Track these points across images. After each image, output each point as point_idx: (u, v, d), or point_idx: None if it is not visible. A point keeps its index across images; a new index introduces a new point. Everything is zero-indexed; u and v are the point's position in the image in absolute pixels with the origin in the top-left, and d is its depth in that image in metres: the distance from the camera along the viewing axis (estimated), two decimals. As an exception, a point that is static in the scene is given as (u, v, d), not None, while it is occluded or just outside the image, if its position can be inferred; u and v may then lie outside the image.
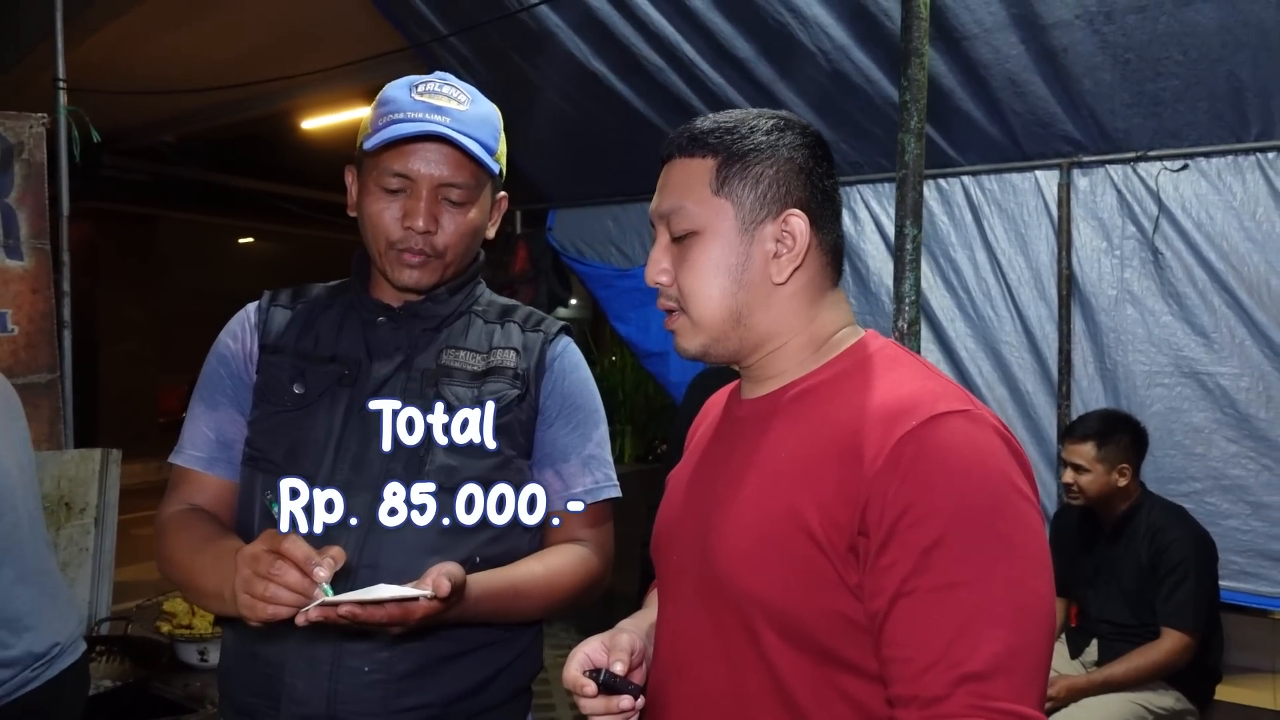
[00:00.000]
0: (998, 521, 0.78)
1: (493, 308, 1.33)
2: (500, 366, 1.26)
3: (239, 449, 1.26)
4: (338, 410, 1.21)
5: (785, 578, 0.84)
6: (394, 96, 1.21)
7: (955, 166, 3.27)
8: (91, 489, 2.48)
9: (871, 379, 0.89)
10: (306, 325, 1.29)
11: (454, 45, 3.58)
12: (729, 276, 0.92)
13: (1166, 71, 2.66)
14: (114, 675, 2.34)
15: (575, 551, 1.27)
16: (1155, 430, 3.01)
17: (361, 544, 1.15)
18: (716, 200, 0.92)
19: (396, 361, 1.24)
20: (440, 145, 1.19)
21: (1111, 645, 2.63)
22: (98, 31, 6.08)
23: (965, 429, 0.81)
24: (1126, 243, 3.03)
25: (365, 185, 1.23)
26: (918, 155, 1.50)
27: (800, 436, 0.90)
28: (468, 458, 1.20)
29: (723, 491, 0.94)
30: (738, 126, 0.94)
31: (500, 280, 4.51)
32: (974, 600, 0.76)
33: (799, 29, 2.87)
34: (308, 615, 0.95)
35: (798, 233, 0.92)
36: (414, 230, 1.20)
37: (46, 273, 2.69)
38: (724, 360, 0.98)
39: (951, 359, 3.36)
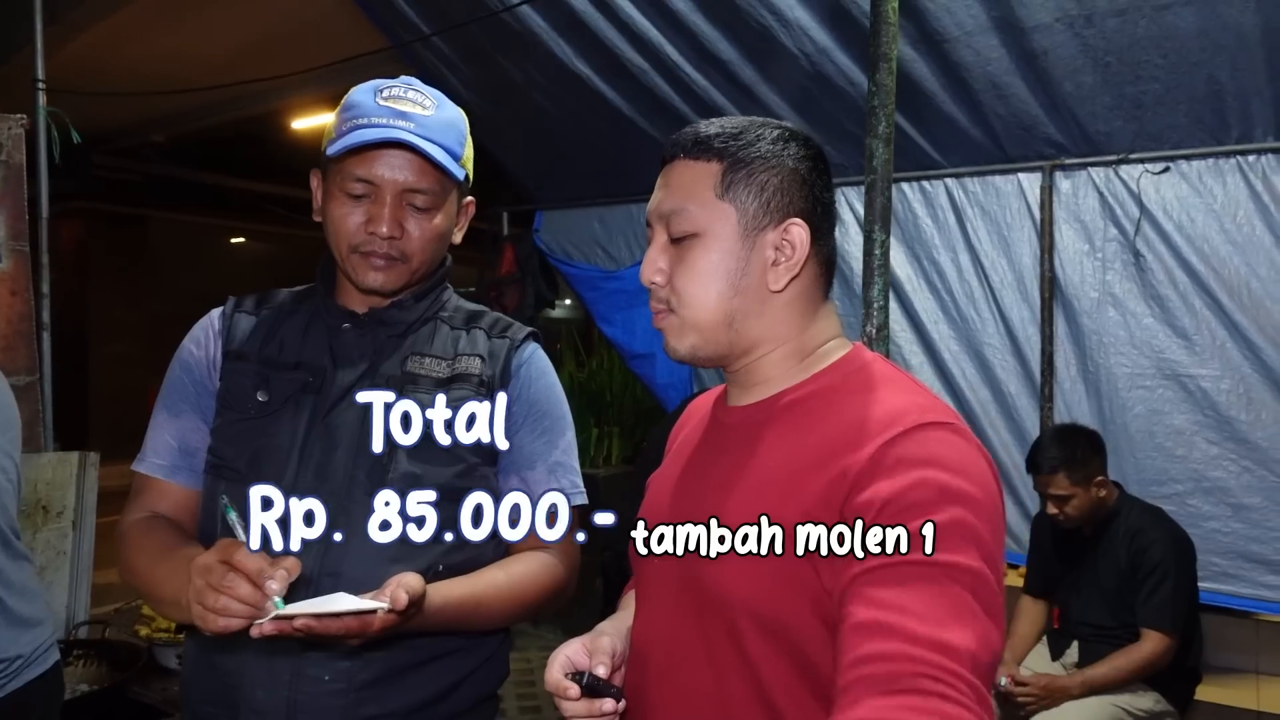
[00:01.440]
0: (974, 525, 0.77)
1: (459, 313, 1.33)
2: (465, 373, 1.25)
3: (201, 457, 1.25)
4: (301, 418, 1.21)
5: (772, 584, 0.85)
6: (358, 101, 1.21)
7: (938, 168, 3.27)
8: (69, 492, 2.47)
9: (862, 393, 0.90)
10: (271, 331, 1.28)
11: (438, 47, 3.57)
12: (726, 281, 0.93)
13: (1147, 75, 2.67)
14: (91, 679, 2.34)
15: (540, 559, 1.26)
16: (1137, 433, 3.03)
17: (323, 553, 1.15)
18: (720, 204, 0.93)
19: (361, 368, 1.24)
20: (405, 151, 1.18)
21: (1092, 647, 2.64)
22: (86, 31, 6.06)
23: (949, 439, 0.83)
24: (1108, 245, 3.03)
25: (330, 190, 1.22)
26: (886, 160, 1.50)
27: (789, 446, 0.90)
28: (432, 465, 1.19)
29: (711, 497, 0.94)
30: (744, 133, 0.94)
31: (487, 282, 4.50)
32: (937, 580, 0.75)
33: (781, 31, 2.87)
34: (262, 629, 0.94)
35: (798, 242, 0.93)
36: (378, 235, 1.19)
37: (25, 275, 2.68)
38: (711, 363, 0.98)
39: (935, 361, 3.36)
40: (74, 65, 6.20)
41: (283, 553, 0.98)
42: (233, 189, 9.70)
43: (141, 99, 6.13)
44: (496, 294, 4.45)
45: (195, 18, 5.82)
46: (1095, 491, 2.57)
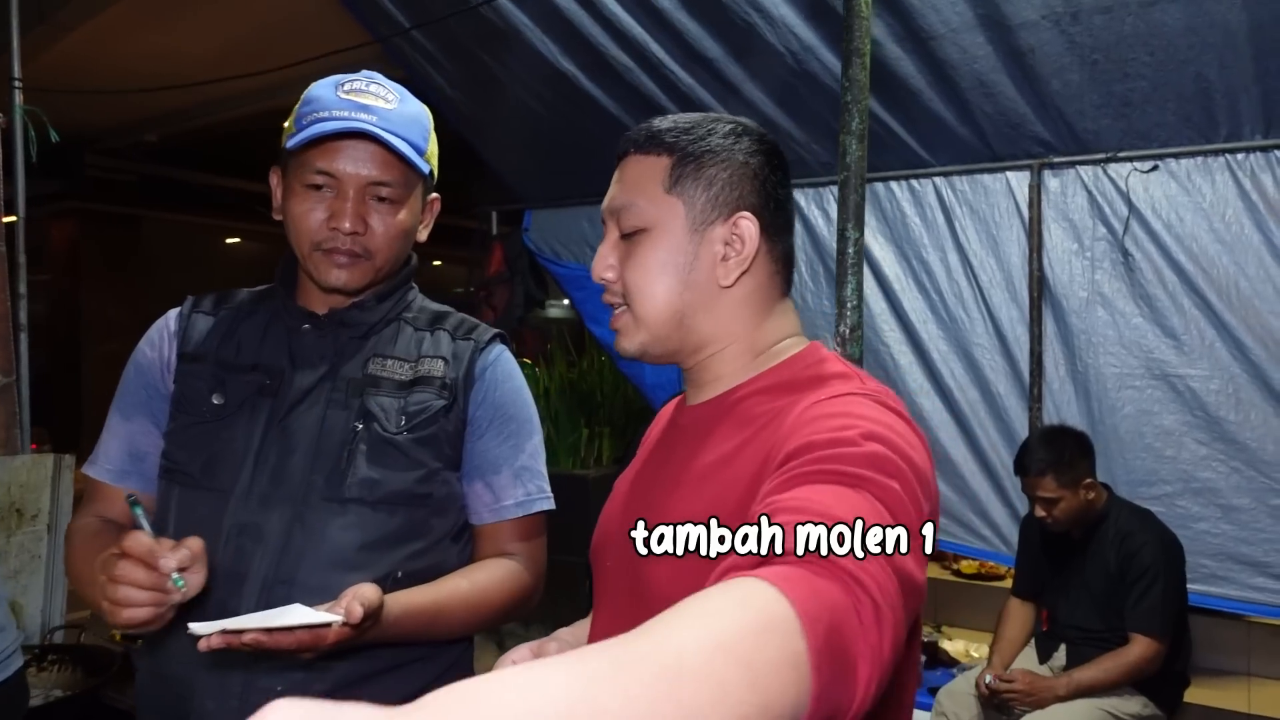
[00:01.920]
0: (897, 462, 0.71)
1: (424, 314, 1.30)
2: (427, 376, 1.22)
3: (152, 461, 1.23)
4: (258, 421, 1.18)
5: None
6: (319, 95, 1.18)
7: (926, 167, 3.25)
8: (44, 495, 2.44)
9: (809, 388, 0.88)
10: (229, 333, 1.25)
11: (424, 46, 3.55)
12: (675, 276, 0.91)
13: (1134, 73, 2.64)
14: (65, 685, 2.31)
15: (504, 566, 1.24)
16: (1126, 433, 3.00)
17: (278, 559, 1.12)
18: (668, 199, 0.91)
19: (321, 371, 1.21)
20: (367, 144, 1.16)
21: (1080, 650, 2.62)
22: (75, 30, 6.04)
23: (865, 401, 0.80)
24: (1097, 244, 3.01)
25: (290, 186, 1.19)
26: (859, 157, 1.47)
27: (731, 442, 0.88)
28: (391, 470, 1.17)
29: (656, 498, 0.93)
30: (695, 128, 0.93)
31: (476, 282, 4.48)
32: (848, 485, 0.67)
33: (766, 29, 2.85)
34: (209, 642, 0.91)
35: (747, 236, 0.91)
36: (340, 230, 1.16)
37: (2, 275, 2.65)
38: (663, 360, 0.97)
39: (923, 361, 3.34)
40: (63, 64, 6.17)
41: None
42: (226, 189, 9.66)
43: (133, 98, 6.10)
44: (486, 294, 4.42)
45: (185, 17, 5.79)
46: (1084, 494, 2.55)
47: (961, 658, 3.37)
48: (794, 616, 0.53)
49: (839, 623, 0.55)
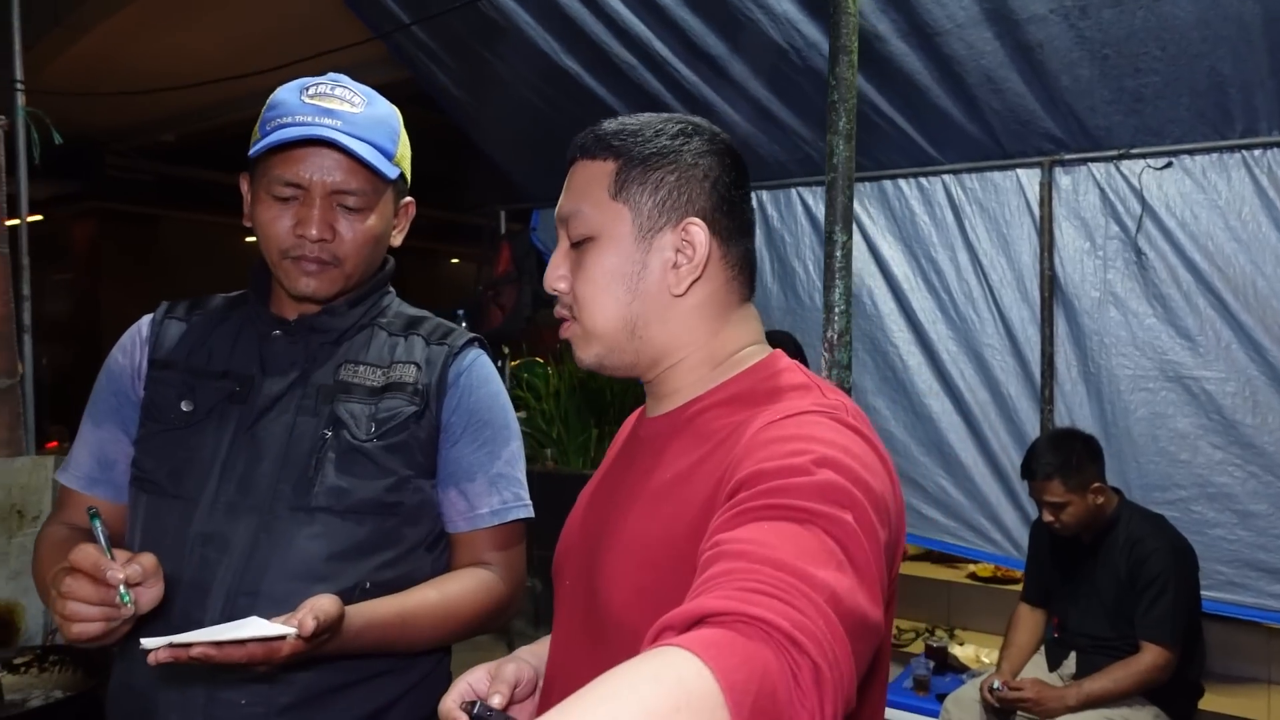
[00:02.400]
0: (850, 490, 0.68)
1: (399, 319, 1.27)
2: (399, 382, 1.20)
3: (121, 469, 1.21)
4: (226, 429, 1.16)
5: (665, 608, 0.79)
6: (282, 100, 1.15)
7: (935, 165, 3.19)
8: (45, 496, 2.45)
9: (765, 400, 0.84)
10: (200, 339, 1.24)
11: (429, 45, 3.54)
12: (623, 285, 0.87)
13: (1146, 67, 2.58)
14: (65, 685, 2.31)
15: (477, 576, 1.21)
16: (1139, 436, 2.94)
17: (243, 570, 1.10)
18: (614, 205, 0.87)
19: (292, 377, 1.19)
20: (331, 150, 1.13)
21: (1090, 658, 2.57)
22: (89, 32, 6.09)
23: (820, 420, 0.76)
24: (1110, 243, 2.95)
25: (257, 194, 1.17)
26: (847, 158, 1.43)
27: (687, 459, 0.84)
28: (359, 478, 1.15)
29: (612, 515, 0.89)
30: (642, 130, 0.89)
31: (485, 281, 4.47)
32: (801, 523, 0.65)
33: (769, 25, 2.81)
34: (157, 656, 0.90)
35: (697, 243, 0.86)
36: (307, 239, 1.14)
37: (5, 277, 2.66)
38: (620, 373, 0.93)
39: (933, 362, 3.29)
40: (79, 66, 6.24)
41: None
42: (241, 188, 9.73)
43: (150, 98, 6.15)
44: (494, 293, 4.41)
45: (197, 17, 5.82)
46: (1092, 499, 2.49)
47: (971, 663, 3.32)
48: (717, 690, 0.50)
49: (770, 690, 0.52)
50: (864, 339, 3.39)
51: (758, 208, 3.60)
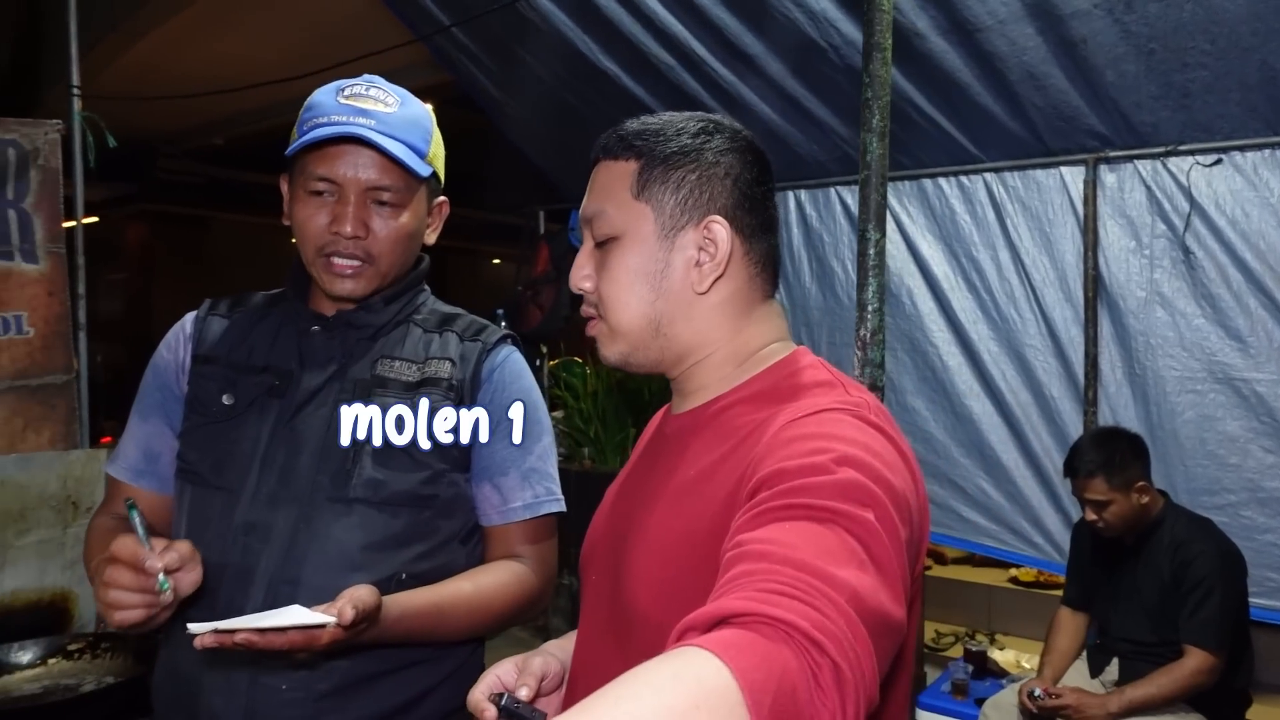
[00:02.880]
0: (872, 489, 0.69)
1: (433, 316, 1.30)
2: (434, 377, 1.22)
3: (166, 462, 1.25)
4: (266, 421, 1.19)
5: (688, 604, 0.79)
6: (319, 101, 1.19)
7: (976, 163, 3.15)
8: (98, 488, 2.53)
9: (789, 397, 0.84)
10: (242, 335, 1.27)
11: (468, 47, 3.58)
12: (647, 284, 0.88)
13: (1194, 62, 2.52)
14: (116, 672, 2.39)
15: (511, 569, 1.23)
16: (1187, 439, 2.88)
17: (284, 559, 1.13)
18: (636, 204, 0.88)
19: (329, 371, 1.22)
20: (365, 148, 1.16)
21: (1133, 664, 2.52)
22: (144, 37, 6.26)
23: (843, 418, 0.77)
24: (1156, 241, 2.89)
25: (294, 192, 1.21)
26: (880, 156, 1.42)
27: (710, 457, 0.85)
28: (396, 471, 1.17)
29: (637, 512, 0.90)
30: (663, 129, 0.90)
31: (523, 281, 4.51)
32: (823, 523, 0.65)
33: (808, 24, 2.80)
34: (203, 640, 0.93)
35: (719, 240, 0.87)
36: (342, 235, 1.17)
37: (62, 276, 2.75)
38: (645, 370, 0.94)
39: (974, 362, 3.25)
40: (134, 71, 6.41)
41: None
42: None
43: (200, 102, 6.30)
44: (532, 293, 4.45)
45: (245, 22, 5.96)
46: (1136, 498, 2.44)
47: (1011, 668, 3.27)
48: (736, 689, 0.51)
49: (790, 690, 0.53)
50: (903, 339, 3.36)
51: (795, 207, 3.59)
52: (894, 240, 3.37)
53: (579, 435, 5.02)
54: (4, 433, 2.62)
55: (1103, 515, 2.46)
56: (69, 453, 2.56)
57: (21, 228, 2.67)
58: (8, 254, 2.66)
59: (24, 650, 2.17)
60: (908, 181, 3.31)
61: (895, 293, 3.38)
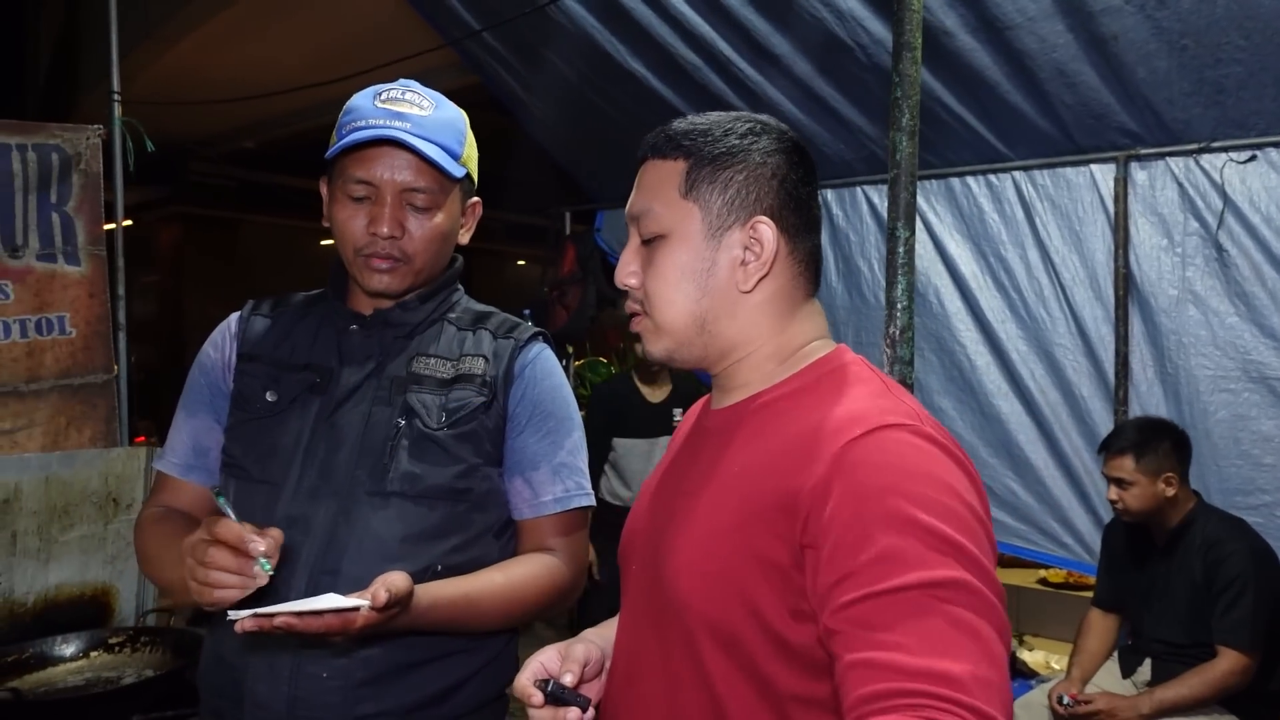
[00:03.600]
0: (942, 526, 0.73)
1: (467, 314, 1.33)
2: (468, 373, 1.25)
3: (214, 456, 1.29)
4: (308, 417, 1.23)
5: (728, 595, 0.82)
6: (357, 105, 1.23)
7: (1005, 161, 3.14)
8: (138, 485, 2.58)
9: (830, 394, 0.87)
10: (284, 334, 1.31)
11: (497, 50, 3.61)
12: (694, 282, 0.91)
13: (1228, 57, 2.49)
14: (156, 665, 2.44)
15: (542, 561, 1.26)
16: (1220, 439, 2.85)
17: (324, 550, 1.17)
18: (684, 204, 0.91)
19: (368, 369, 1.25)
20: (401, 151, 1.20)
21: (1165, 665, 2.50)
22: (178, 43, 6.37)
23: (905, 438, 0.79)
24: (1189, 239, 2.86)
25: (333, 194, 1.25)
26: (910, 154, 1.43)
27: (755, 450, 0.88)
28: (432, 465, 1.20)
29: (678, 503, 0.92)
30: (711, 129, 0.92)
31: (549, 282, 4.54)
32: (929, 604, 0.71)
33: (835, 23, 2.80)
34: (243, 625, 0.96)
35: (765, 240, 0.90)
36: (379, 236, 1.20)
37: (102, 277, 2.81)
38: (689, 365, 0.97)
39: (1002, 362, 3.23)
40: (167, 76, 6.52)
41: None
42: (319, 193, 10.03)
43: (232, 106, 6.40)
44: (559, 293, 4.48)
45: (276, 28, 6.04)
46: (1162, 488, 2.43)
47: (1041, 669, 3.26)
48: None
49: None
50: (930, 338, 3.35)
51: (822, 207, 3.58)
52: (921, 240, 3.36)
53: (604, 435, 5.04)
54: (48, 431, 2.69)
55: (1123, 496, 2.45)
56: (110, 450, 2.62)
57: (64, 231, 2.74)
58: (51, 256, 2.73)
59: (67, 643, 2.23)
60: (935, 180, 3.30)
61: (922, 292, 3.36)
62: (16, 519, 2.39)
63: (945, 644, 0.68)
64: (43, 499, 2.43)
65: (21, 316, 2.66)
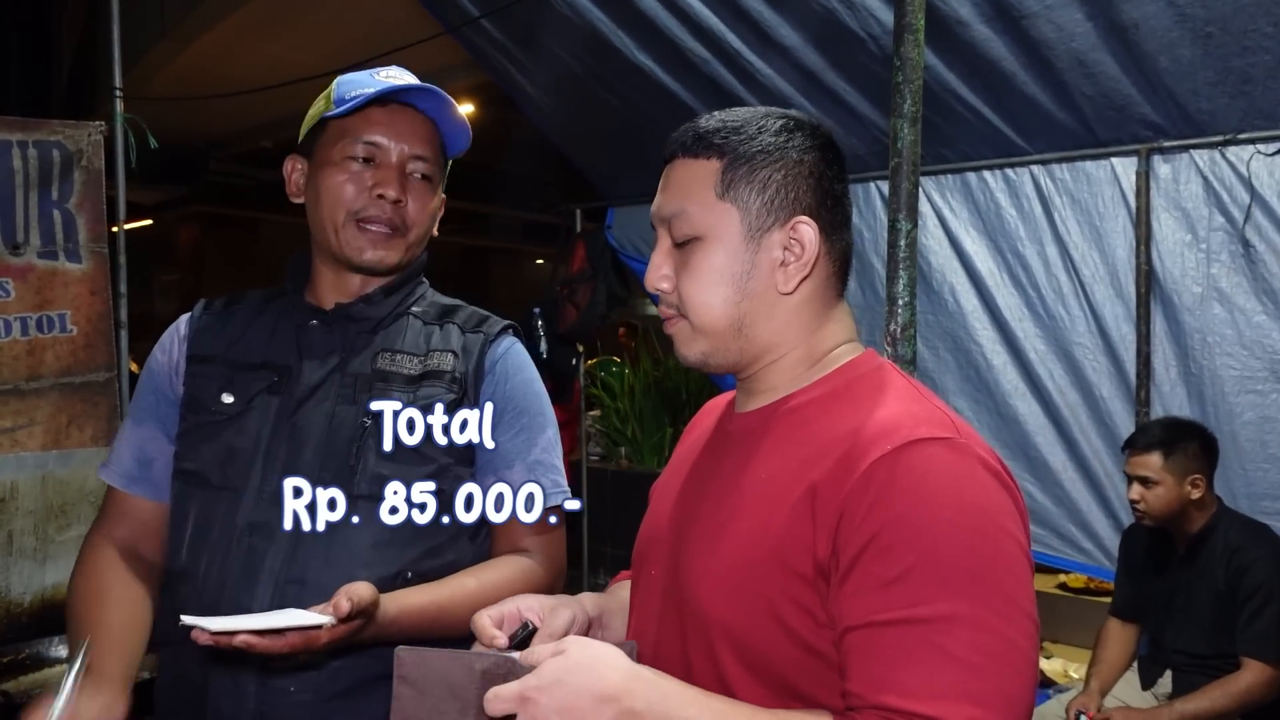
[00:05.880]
0: (969, 558, 0.74)
1: (433, 308, 1.29)
2: (437, 370, 1.21)
3: (161, 466, 1.23)
4: (267, 418, 1.18)
5: (751, 604, 0.81)
6: (356, 78, 1.20)
7: (1022, 155, 3.05)
8: (136, 484, 2.56)
9: (859, 400, 0.85)
10: (238, 332, 1.26)
11: (505, 45, 3.57)
12: (733, 285, 0.88)
13: (1255, 45, 2.40)
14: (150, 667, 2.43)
15: (516, 564, 1.21)
16: (1247, 442, 2.75)
17: (290, 558, 1.12)
18: (721, 205, 0.88)
19: (330, 366, 1.20)
20: (412, 117, 1.18)
21: (1187, 677, 2.41)
22: (194, 42, 6.40)
23: (943, 456, 0.77)
24: (1214, 235, 2.76)
25: (326, 159, 1.20)
26: (912, 142, 1.36)
27: (783, 455, 0.86)
28: (402, 465, 1.15)
29: (703, 508, 0.90)
30: (744, 126, 0.89)
31: (559, 279, 4.49)
32: (935, 641, 0.72)
33: (845, 13, 2.73)
34: (197, 636, 0.91)
35: (806, 241, 0.87)
36: (386, 198, 1.17)
37: (104, 275, 2.80)
38: (723, 370, 0.94)
39: (1019, 361, 3.15)
40: (185, 75, 6.55)
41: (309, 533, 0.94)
42: (336, 191, 10.09)
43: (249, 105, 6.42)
44: (568, 291, 4.43)
45: (292, 27, 6.05)
46: (1188, 490, 2.34)
47: (1059, 678, 3.17)
48: None
49: None
50: (945, 337, 3.27)
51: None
52: (936, 236, 3.28)
53: (616, 435, 5.00)
54: (49, 429, 2.67)
55: (1146, 496, 2.36)
56: (109, 449, 2.60)
57: (65, 228, 2.72)
58: (52, 253, 2.71)
59: (64, 644, 2.21)
60: (951, 175, 3.22)
61: (937, 289, 3.29)
62: (13, 518, 2.37)
63: (941, 685, 0.70)
64: (39, 498, 2.42)
65: (22, 314, 2.65)
